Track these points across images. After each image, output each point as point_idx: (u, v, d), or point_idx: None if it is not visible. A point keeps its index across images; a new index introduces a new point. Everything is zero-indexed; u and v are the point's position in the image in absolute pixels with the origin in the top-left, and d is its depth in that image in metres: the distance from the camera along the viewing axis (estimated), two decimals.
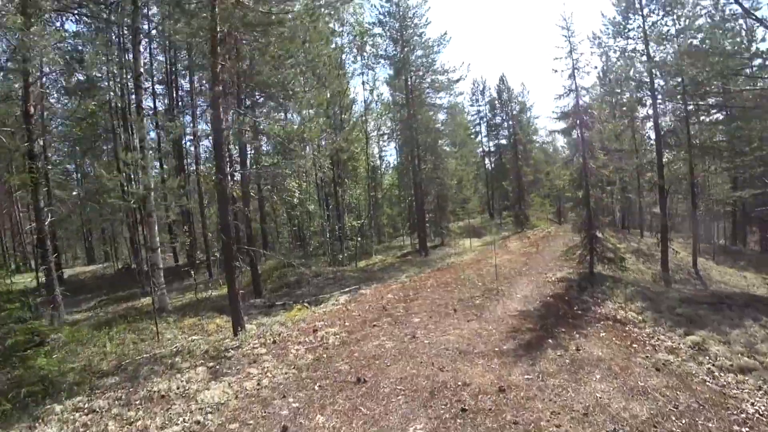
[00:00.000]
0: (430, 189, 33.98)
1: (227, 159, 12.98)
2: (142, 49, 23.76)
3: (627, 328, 11.88)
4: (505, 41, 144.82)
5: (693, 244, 27.51)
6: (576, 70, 16.83)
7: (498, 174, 50.34)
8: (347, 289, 22.10)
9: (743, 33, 23.24)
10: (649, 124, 30.10)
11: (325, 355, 9.61)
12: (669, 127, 27.69)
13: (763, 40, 22.72)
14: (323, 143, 25.25)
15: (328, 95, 32.28)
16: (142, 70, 19.69)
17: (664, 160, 26.37)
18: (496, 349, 9.58)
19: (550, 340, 10.27)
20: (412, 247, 34.16)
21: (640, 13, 26.24)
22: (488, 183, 54.17)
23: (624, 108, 30.62)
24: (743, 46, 20.73)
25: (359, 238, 31.52)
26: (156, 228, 18.96)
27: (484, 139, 54.18)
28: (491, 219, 51.46)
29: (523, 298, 14.34)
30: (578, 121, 16.45)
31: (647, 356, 9.83)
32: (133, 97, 21.23)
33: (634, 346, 10.51)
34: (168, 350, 12.46)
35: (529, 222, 39.91)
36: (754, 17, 18.48)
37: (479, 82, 53.64)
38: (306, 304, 19.80)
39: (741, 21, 22.28)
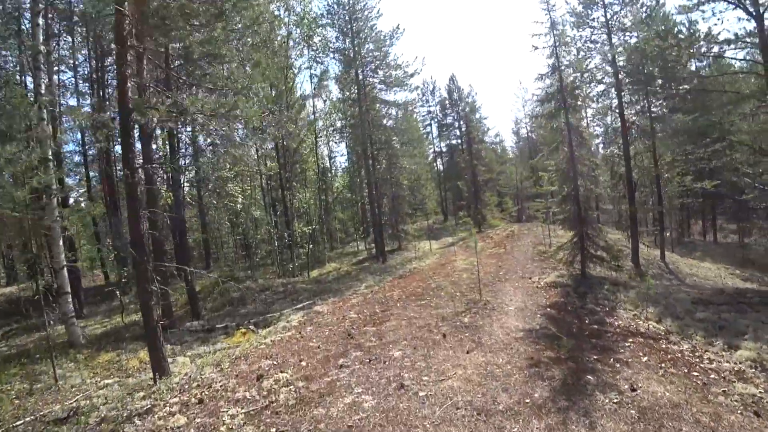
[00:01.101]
0: (386, 190, 31.01)
1: (133, 149, 9.46)
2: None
3: (663, 346, 9.22)
4: (454, 43, 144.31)
5: (660, 237, 25.86)
6: (558, 48, 14.32)
7: (450, 174, 48.10)
8: (300, 306, 18.81)
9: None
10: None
11: (273, 431, 6.35)
12: (633, 118, 25.95)
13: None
14: (266, 130, 21.75)
15: (272, 91, 28.82)
16: (42, 47, 15.59)
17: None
18: (527, 400, 6.50)
19: (589, 377, 7.35)
20: (368, 252, 31.04)
21: (602, 3, 24.36)
22: (440, 183, 51.88)
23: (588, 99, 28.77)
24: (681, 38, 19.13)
25: (310, 246, 28.09)
26: (60, 243, 14.96)
27: (435, 140, 51.93)
28: (445, 220, 49.11)
29: (519, 311, 11.53)
30: (563, 104, 13.94)
31: (724, 390, 7.12)
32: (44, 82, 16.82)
33: (694, 374, 7.80)
34: (61, 408, 8.87)
35: (486, 221, 37.75)
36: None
37: (429, 83, 51.38)
38: (251, 327, 16.44)
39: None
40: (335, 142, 38.03)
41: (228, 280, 25.73)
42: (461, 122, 45.96)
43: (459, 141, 47.62)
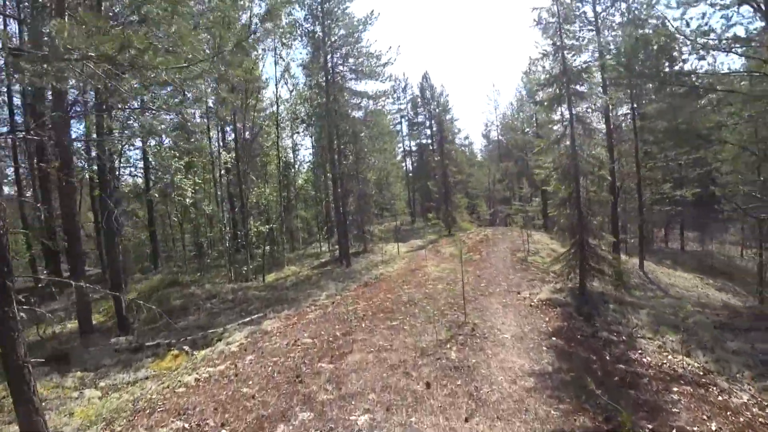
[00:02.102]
0: (352, 187, 28.01)
1: None
2: None
3: (718, 398, 6.65)
4: (427, 42, 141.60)
5: (640, 245, 23.78)
6: (562, 25, 11.73)
7: (420, 174, 45.42)
8: (248, 319, 15.77)
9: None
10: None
11: None
12: (619, 121, 23.83)
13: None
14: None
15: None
16: None
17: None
18: None
19: None
20: (331, 254, 27.98)
21: None
22: (409, 183, 49.16)
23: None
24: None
25: (267, 247, 24.85)
26: None
27: (405, 138, 49.16)
28: (413, 221, 46.42)
29: (518, 341, 8.81)
30: (566, 89, 11.37)
31: None
32: None
33: None
34: None
35: (457, 224, 35.22)
36: None
37: (401, 80, 48.54)
38: (186, 348, 13.35)
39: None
40: (300, 135, 34.75)
41: (170, 286, 22.38)
42: (432, 121, 43.36)
43: (429, 141, 45.04)
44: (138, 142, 28.91)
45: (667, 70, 15.37)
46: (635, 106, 23.28)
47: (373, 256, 26.29)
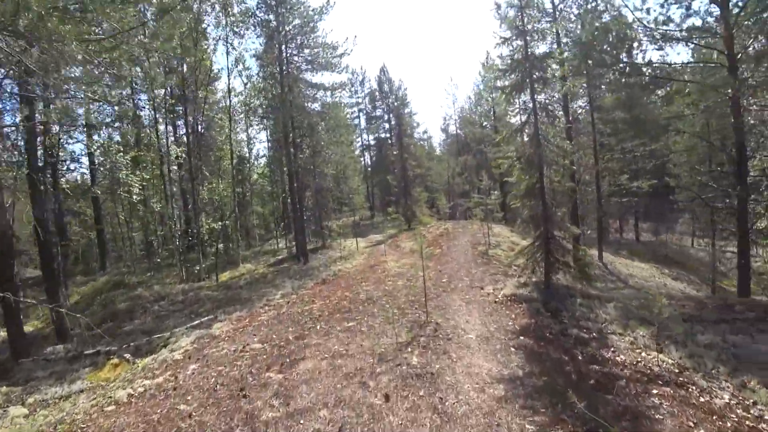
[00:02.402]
0: (309, 181, 27.02)
1: None
2: None
3: (699, 399, 6.15)
4: (384, 37, 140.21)
5: (598, 237, 23.86)
6: (524, 8, 11.16)
7: (378, 168, 44.63)
8: (198, 322, 14.76)
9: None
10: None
11: None
12: (577, 113, 23.76)
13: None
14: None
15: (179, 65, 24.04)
16: None
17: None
18: None
19: None
20: (288, 251, 26.92)
21: None
22: (367, 178, 48.34)
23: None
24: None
25: (221, 244, 23.60)
26: None
27: (364, 132, 48.19)
28: (372, 216, 45.67)
29: (483, 342, 8.17)
30: (529, 75, 10.83)
31: None
32: None
33: None
34: None
35: (417, 218, 34.75)
36: None
37: (359, 73, 47.47)
38: (127, 356, 12.22)
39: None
40: (255, 129, 33.35)
41: (115, 288, 20.88)
42: (391, 115, 42.72)
43: (388, 135, 44.37)
44: (81, 135, 27.16)
45: (625, 60, 15.24)
46: (592, 97, 23.30)
47: (331, 252, 25.43)
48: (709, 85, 14.10)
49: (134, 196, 23.47)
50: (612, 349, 7.92)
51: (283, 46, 23.97)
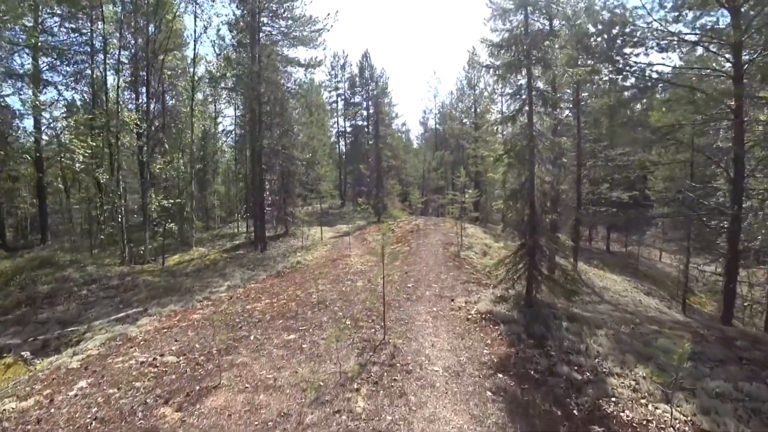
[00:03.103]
0: (275, 163, 24.71)
1: None
2: None
3: None
4: (368, 24, 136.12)
5: (574, 246, 22.33)
6: None
7: (353, 157, 42.34)
8: (123, 314, 12.59)
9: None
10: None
11: None
12: (565, 113, 22.07)
13: None
14: None
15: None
16: None
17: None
18: None
19: None
20: (248, 237, 24.62)
21: None
22: (341, 165, 45.96)
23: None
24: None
25: (174, 224, 21.14)
26: None
27: (341, 118, 45.74)
28: (343, 205, 43.47)
29: (452, 378, 6.23)
30: (526, 56, 8.89)
31: None
32: None
33: None
34: None
35: (388, 211, 32.79)
36: None
37: (340, 56, 44.88)
38: (24, 354, 10.03)
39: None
40: (224, 104, 30.71)
41: (41, 266, 18.27)
42: (370, 102, 40.46)
43: (366, 123, 42.13)
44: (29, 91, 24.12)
45: (626, 55, 13.53)
46: (578, 97, 21.68)
47: (293, 241, 23.26)
48: (713, 95, 12.47)
49: (77, 164, 20.76)
50: (613, 399, 6.12)
51: (257, 14, 21.52)
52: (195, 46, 23.45)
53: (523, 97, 9.07)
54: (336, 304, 10.40)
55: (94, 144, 21.41)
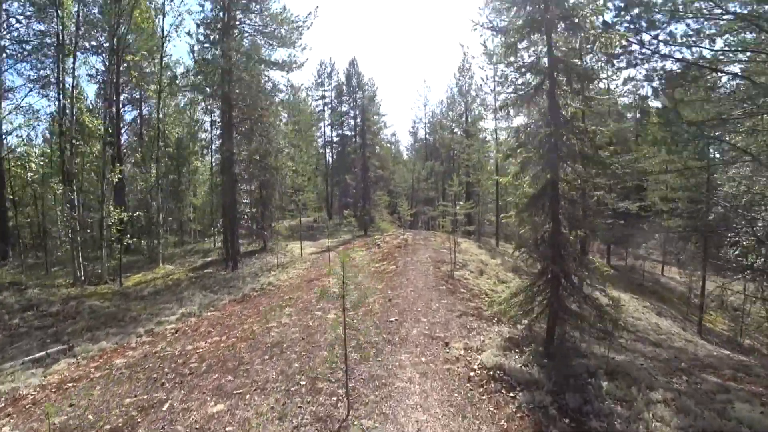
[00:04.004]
0: (252, 173, 22.21)
1: None
2: None
3: None
4: (356, 33, 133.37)
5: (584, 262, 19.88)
6: None
7: (340, 168, 39.82)
8: (40, 354, 9.98)
9: None
10: None
11: None
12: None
13: None
14: None
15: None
16: None
17: None
18: None
19: None
20: (220, 253, 21.91)
21: None
22: (327, 177, 43.37)
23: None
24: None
25: (131, 240, 18.47)
26: None
27: (328, 128, 43.31)
28: (329, 218, 40.86)
29: None
30: (542, 14, 6.46)
31: None
32: None
33: None
34: None
35: (375, 224, 30.31)
36: None
37: (327, 64, 42.52)
38: None
39: None
40: (201, 111, 28.09)
41: None
42: (357, 111, 38.10)
43: (353, 132, 39.74)
44: None
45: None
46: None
47: (270, 258, 20.62)
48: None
49: (29, 173, 18.17)
50: None
51: (228, 9, 19.11)
52: (163, 45, 20.91)
53: (543, 67, 6.63)
54: (295, 348, 7.85)
55: (49, 151, 18.83)
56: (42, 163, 19.05)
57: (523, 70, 6.99)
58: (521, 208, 6.98)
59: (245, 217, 22.04)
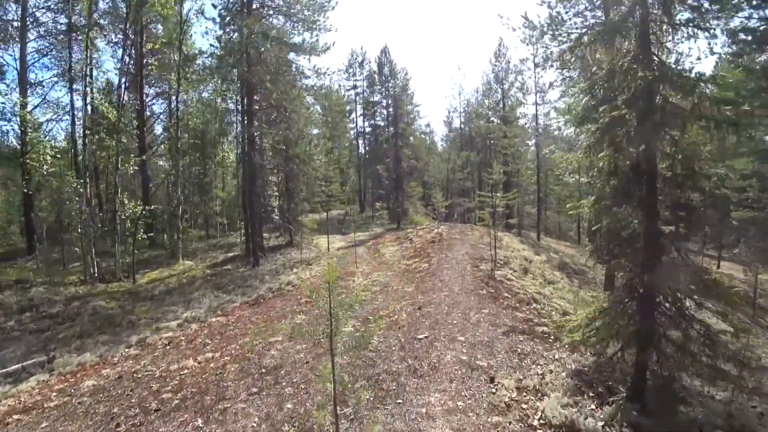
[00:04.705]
0: (276, 163, 20.58)
1: None
2: None
3: None
4: (388, 22, 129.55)
5: None
6: None
7: (373, 159, 37.89)
8: (15, 367, 8.32)
9: None
10: None
11: None
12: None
13: None
14: None
15: None
16: None
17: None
18: None
19: None
20: (243, 248, 20.29)
21: None
22: (360, 168, 41.45)
23: None
24: None
25: (144, 234, 17.14)
26: None
27: (359, 119, 41.33)
28: (362, 211, 39.01)
29: None
30: None
31: None
32: None
33: None
34: None
35: (408, 217, 28.24)
36: None
37: (358, 53, 40.47)
38: None
39: None
40: (231, 99, 26.52)
41: None
42: (390, 101, 35.97)
43: (386, 122, 37.64)
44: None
45: None
46: None
47: (294, 253, 18.85)
48: None
49: (44, 166, 17.06)
50: None
51: None
52: (181, 30, 19.39)
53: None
54: (294, 376, 5.96)
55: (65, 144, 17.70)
56: (59, 156, 17.93)
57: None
58: (602, 194, 4.75)
59: (269, 209, 20.38)
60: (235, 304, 11.91)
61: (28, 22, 19.48)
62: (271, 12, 19.10)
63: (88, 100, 17.61)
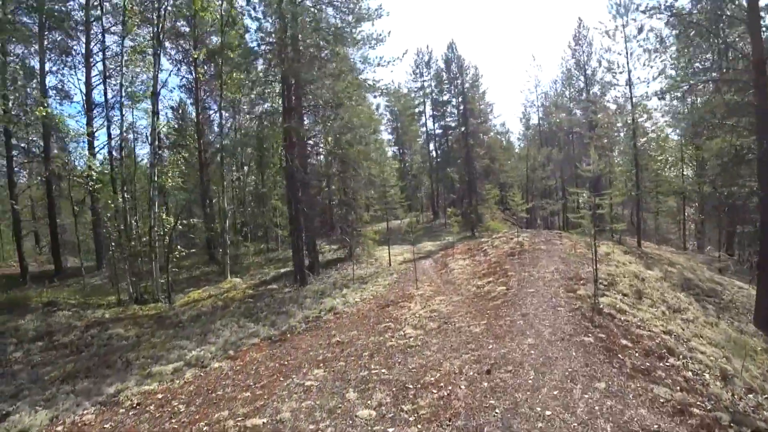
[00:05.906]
0: (334, 168, 18.06)
1: None
2: None
3: None
4: (456, 18, 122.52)
5: None
6: None
7: (444, 162, 34.41)
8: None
9: None
10: None
11: None
12: None
13: None
14: None
15: None
16: None
17: None
18: None
19: None
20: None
21: None
22: (432, 173, 38.02)
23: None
24: None
25: (183, 251, 15.27)
26: None
27: (429, 121, 38.04)
28: (435, 218, 35.61)
29: None
30: None
31: None
32: None
33: None
34: None
35: (483, 224, 24.47)
36: None
37: (424, 53, 37.42)
38: None
39: None
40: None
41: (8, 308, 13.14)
42: (459, 98, 32.43)
43: (456, 122, 34.08)
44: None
45: None
46: None
47: (349, 269, 16.02)
48: None
49: (91, 182, 15.74)
50: None
51: None
52: (222, 31, 17.53)
53: None
54: None
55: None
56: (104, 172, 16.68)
57: None
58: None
59: (325, 220, 17.88)
60: (254, 340, 9.24)
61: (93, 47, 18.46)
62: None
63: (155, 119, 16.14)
